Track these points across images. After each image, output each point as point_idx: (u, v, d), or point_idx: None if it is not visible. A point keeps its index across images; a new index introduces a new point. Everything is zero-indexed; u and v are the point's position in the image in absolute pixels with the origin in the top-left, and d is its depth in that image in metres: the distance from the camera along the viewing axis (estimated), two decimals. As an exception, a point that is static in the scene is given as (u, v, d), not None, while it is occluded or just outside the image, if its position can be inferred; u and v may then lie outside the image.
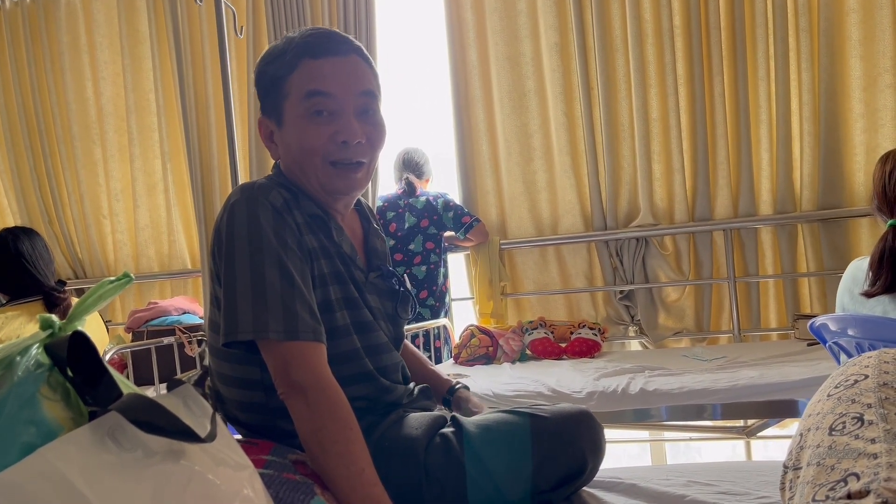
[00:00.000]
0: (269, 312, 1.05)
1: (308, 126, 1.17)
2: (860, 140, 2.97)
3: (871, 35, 2.92)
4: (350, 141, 1.17)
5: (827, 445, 0.71)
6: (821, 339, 1.79)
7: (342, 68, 1.18)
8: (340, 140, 1.17)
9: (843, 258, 3.01)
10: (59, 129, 3.95)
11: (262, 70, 1.23)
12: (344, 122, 1.17)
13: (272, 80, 1.20)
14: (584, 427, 1.17)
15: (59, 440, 0.62)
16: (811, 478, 0.69)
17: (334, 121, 1.17)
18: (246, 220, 1.10)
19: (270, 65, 1.21)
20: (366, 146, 1.20)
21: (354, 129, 1.17)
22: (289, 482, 0.94)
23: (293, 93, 1.17)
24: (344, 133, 1.17)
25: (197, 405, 0.77)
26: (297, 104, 1.17)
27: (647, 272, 3.28)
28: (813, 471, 0.70)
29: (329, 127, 1.17)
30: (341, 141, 1.17)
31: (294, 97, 1.17)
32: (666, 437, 3.43)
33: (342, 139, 1.17)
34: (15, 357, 0.68)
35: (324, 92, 1.16)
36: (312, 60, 1.17)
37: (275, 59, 1.20)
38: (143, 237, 3.94)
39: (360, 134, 1.18)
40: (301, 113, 1.17)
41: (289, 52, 1.18)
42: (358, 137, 1.17)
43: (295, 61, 1.17)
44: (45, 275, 2.44)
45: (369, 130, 1.20)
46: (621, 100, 3.22)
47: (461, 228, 3.32)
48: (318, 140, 1.17)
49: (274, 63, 1.20)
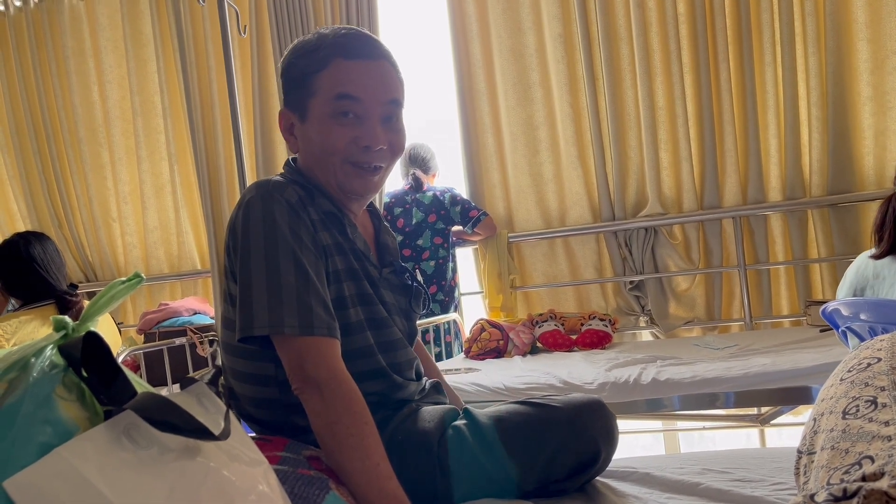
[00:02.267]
0: (284, 308, 1.06)
1: (333, 126, 1.18)
2: (869, 123, 2.95)
3: (878, 17, 2.89)
4: (372, 146, 1.18)
5: (841, 429, 0.71)
6: (833, 324, 1.78)
7: (373, 73, 1.18)
8: (363, 145, 1.18)
9: (855, 243, 2.99)
10: (67, 134, 3.97)
11: (292, 62, 1.22)
12: (368, 127, 1.18)
13: (301, 75, 1.20)
14: (597, 416, 1.17)
15: (75, 439, 0.63)
16: (825, 462, 0.69)
17: (359, 125, 1.18)
18: (261, 216, 1.11)
19: (301, 59, 1.20)
20: (386, 152, 1.21)
21: (378, 136, 1.18)
22: (304, 477, 0.94)
23: (321, 92, 1.18)
24: (367, 138, 1.18)
25: (211, 403, 0.78)
26: (325, 103, 1.17)
27: (656, 262, 3.27)
28: (827, 455, 0.70)
29: (353, 130, 1.17)
30: (363, 146, 1.18)
31: (322, 96, 1.18)
32: (679, 426, 3.43)
33: (365, 144, 1.18)
34: (30, 359, 0.68)
35: (353, 96, 1.17)
36: (344, 61, 1.17)
37: (306, 54, 1.20)
38: (152, 239, 3.96)
39: (383, 140, 1.19)
40: (327, 112, 1.18)
41: (322, 49, 1.18)
42: (380, 144, 1.19)
43: (327, 59, 1.17)
44: (58, 279, 2.45)
45: (392, 138, 1.21)
46: (627, 89, 3.21)
47: (469, 223, 3.31)
48: (341, 141, 1.18)
49: (305, 58, 1.20)
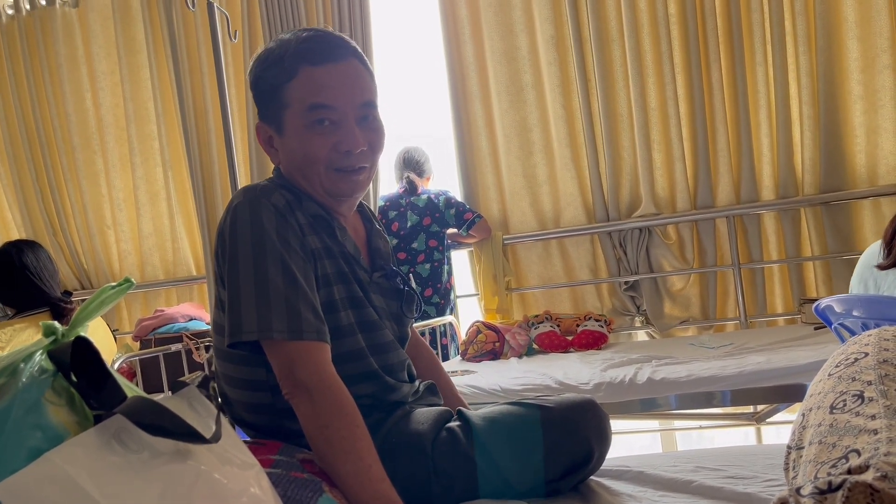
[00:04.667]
0: (272, 313, 1.06)
1: (310, 137, 1.17)
2: (860, 122, 2.96)
3: (868, 16, 2.90)
4: (353, 150, 1.17)
5: (828, 424, 0.71)
6: (826, 321, 1.79)
7: (342, 77, 1.17)
8: (344, 150, 1.17)
9: (847, 241, 3.01)
10: (60, 141, 3.95)
11: (259, 76, 1.21)
12: (345, 131, 1.17)
13: (270, 88, 1.19)
14: (590, 415, 1.17)
15: (65, 444, 0.63)
16: (813, 456, 0.70)
17: (336, 130, 1.17)
18: (249, 221, 1.11)
19: (268, 71, 1.19)
20: (367, 152, 1.20)
21: (356, 139, 1.17)
22: (297, 480, 0.95)
23: (294, 103, 1.16)
24: (346, 143, 1.17)
25: (202, 406, 0.78)
26: (299, 115, 1.16)
27: (651, 262, 3.28)
28: (815, 449, 0.70)
29: (332, 137, 1.17)
30: (344, 150, 1.17)
31: (295, 108, 1.17)
32: (676, 426, 3.43)
33: (345, 149, 1.17)
34: (19, 364, 0.68)
35: (326, 105, 1.16)
36: (312, 68, 1.16)
37: (272, 65, 1.18)
38: (147, 245, 3.95)
39: (363, 142, 1.18)
40: (303, 124, 1.17)
41: (286, 59, 1.16)
42: (360, 146, 1.18)
43: (293, 68, 1.16)
44: (51, 286, 2.45)
45: (371, 137, 1.21)
46: (619, 90, 3.22)
47: (463, 225, 3.32)
48: (322, 150, 1.17)
49: (271, 69, 1.18)
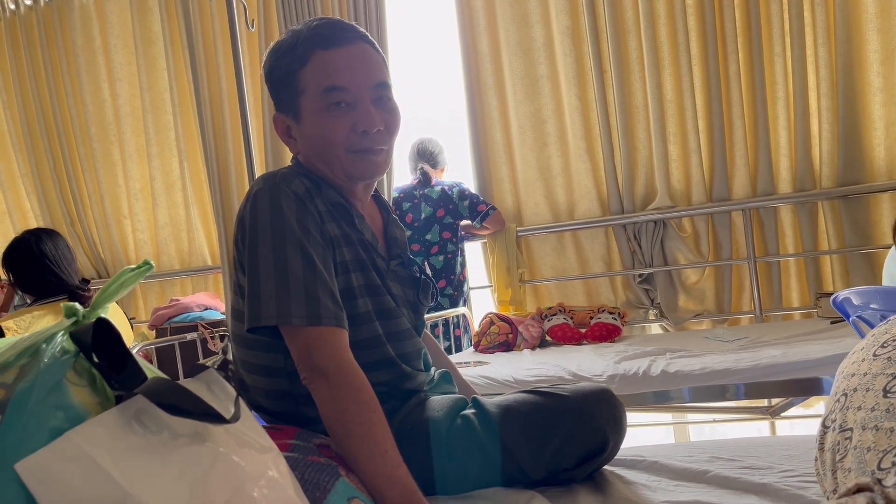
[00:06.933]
0: (291, 298, 1.07)
1: (328, 119, 1.18)
2: (879, 114, 2.92)
3: (888, 7, 2.86)
4: (370, 129, 1.19)
5: (884, 409, 0.69)
6: (844, 314, 1.77)
7: (354, 58, 1.19)
8: (361, 130, 1.18)
9: (865, 234, 2.98)
10: (78, 131, 3.99)
11: (274, 65, 1.23)
12: (362, 111, 1.18)
13: (285, 75, 1.21)
14: (605, 404, 1.17)
15: (86, 423, 0.64)
16: (871, 443, 0.68)
17: (352, 111, 1.18)
18: (269, 208, 1.12)
19: (282, 59, 1.21)
20: (384, 133, 1.22)
21: (373, 118, 1.19)
22: (313, 464, 0.95)
23: (309, 88, 1.18)
24: (363, 123, 1.18)
25: (220, 388, 0.78)
26: (315, 99, 1.18)
27: (665, 255, 3.26)
28: (871, 435, 0.68)
29: (349, 118, 1.18)
30: (361, 131, 1.18)
31: (311, 93, 1.19)
32: (689, 419, 3.42)
33: (362, 128, 1.18)
34: (41, 345, 0.69)
35: (340, 87, 1.17)
36: (324, 52, 1.18)
37: (285, 54, 1.20)
38: (163, 235, 3.98)
39: (379, 121, 1.20)
40: (319, 107, 1.18)
41: (299, 46, 1.19)
42: (377, 125, 1.19)
43: (307, 54, 1.18)
44: (69, 274, 2.47)
45: (387, 118, 1.22)
46: (635, 82, 3.19)
47: (477, 217, 3.32)
48: (341, 132, 1.18)
49: (285, 57, 1.20)
